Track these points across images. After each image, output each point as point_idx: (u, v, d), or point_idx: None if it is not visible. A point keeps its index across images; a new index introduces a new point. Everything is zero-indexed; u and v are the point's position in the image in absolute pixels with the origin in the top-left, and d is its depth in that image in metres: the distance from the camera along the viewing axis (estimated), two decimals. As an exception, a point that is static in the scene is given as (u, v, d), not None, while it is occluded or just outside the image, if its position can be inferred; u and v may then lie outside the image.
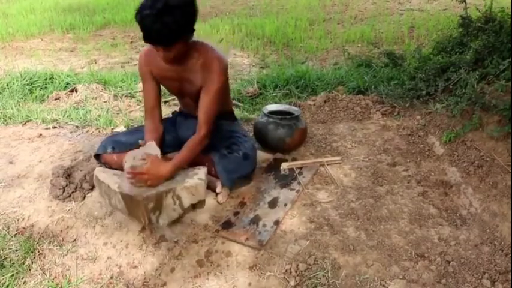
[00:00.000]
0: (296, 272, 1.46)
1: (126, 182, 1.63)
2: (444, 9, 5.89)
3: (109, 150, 1.89)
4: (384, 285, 1.41)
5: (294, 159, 2.18)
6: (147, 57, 1.82)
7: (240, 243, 1.60)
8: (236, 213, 1.77)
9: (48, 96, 3.25)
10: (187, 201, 1.63)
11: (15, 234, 1.70)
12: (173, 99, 3.02)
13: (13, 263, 1.54)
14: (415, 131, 2.42)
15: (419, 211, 1.78)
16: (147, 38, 1.56)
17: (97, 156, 1.94)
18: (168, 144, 2.00)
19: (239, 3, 7.27)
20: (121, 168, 1.91)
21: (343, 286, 1.41)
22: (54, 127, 2.71)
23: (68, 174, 1.90)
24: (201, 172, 1.72)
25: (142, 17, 1.52)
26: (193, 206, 1.69)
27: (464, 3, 2.80)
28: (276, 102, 2.92)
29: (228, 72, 1.83)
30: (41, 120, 2.79)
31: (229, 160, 1.85)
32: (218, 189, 1.85)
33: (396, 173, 2.07)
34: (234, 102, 3.03)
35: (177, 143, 2.02)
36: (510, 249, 1.51)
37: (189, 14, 1.59)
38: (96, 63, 4.41)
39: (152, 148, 1.69)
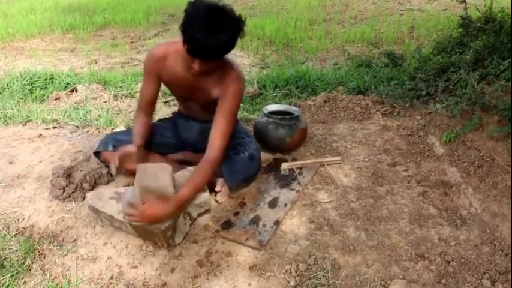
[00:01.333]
0: (296, 272, 1.46)
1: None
2: (444, 9, 5.90)
3: (110, 148, 1.88)
4: (384, 286, 1.41)
5: (294, 159, 2.18)
6: (160, 60, 1.73)
7: (240, 243, 1.60)
8: (236, 214, 1.77)
9: (48, 97, 3.25)
10: (195, 214, 1.65)
11: (15, 234, 1.70)
12: (173, 100, 3.02)
13: (13, 263, 1.54)
14: (415, 131, 2.42)
15: (419, 211, 1.78)
16: (194, 52, 1.48)
17: (97, 154, 1.94)
18: (170, 146, 2.00)
19: (239, 3, 7.27)
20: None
21: (343, 286, 1.41)
22: (54, 127, 2.70)
23: (68, 174, 1.89)
24: None
25: (195, 31, 1.43)
26: (200, 214, 1.70)
27: (464, 3, 2.80)
28: (276, 102, 2.92)
29: (244, 89, 1.80)
30: (41, 121, 2.79)
31: (234, 161, 1.84)
32: (218, 188, 1.84)
33: (396, 173, 2.07)
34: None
35: (179, 145, 2.02)
36: (510, 249, 1.51)
37: (240, 30, 1.55)
38: (96, 63, 4.41)
39: (164, 169, 1.55)
